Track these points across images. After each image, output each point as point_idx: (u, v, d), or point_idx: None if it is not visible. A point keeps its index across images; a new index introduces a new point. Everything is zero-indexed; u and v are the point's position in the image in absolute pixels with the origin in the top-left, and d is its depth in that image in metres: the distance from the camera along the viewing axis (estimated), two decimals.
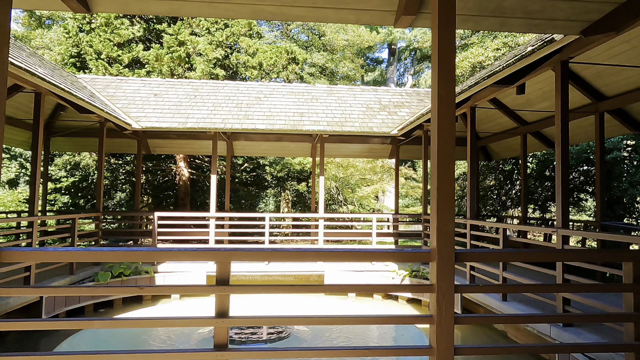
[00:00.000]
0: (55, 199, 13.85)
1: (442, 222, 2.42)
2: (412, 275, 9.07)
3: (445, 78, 2.45)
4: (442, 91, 2.45)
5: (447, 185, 2.41)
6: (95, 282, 8.10)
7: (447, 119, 2.42)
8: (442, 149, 2.42)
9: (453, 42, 2.49)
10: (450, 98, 2.44)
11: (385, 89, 12.17)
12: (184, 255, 2.32)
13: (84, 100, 6.43)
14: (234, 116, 9.54)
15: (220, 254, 2.34)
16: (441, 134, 2.41)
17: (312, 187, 12.68)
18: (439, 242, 2.41)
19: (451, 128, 2.43)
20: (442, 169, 2.40)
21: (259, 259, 2.38)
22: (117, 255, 2.38)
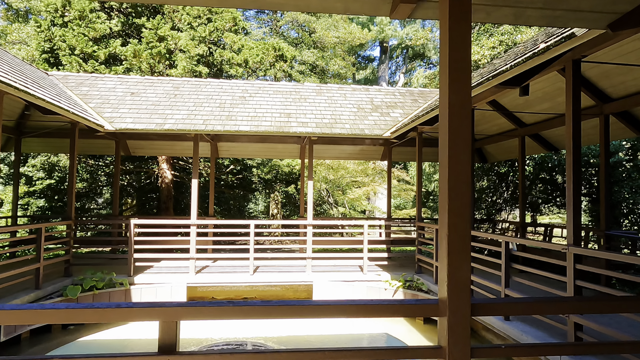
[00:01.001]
0: (29, 202, 13.11)
1: (453, 267, 1.87)
2: (406, 286, 8.56)
3: (458, 81, 1.90)
4: (455, 99, 1.90)
5: (461, 221, 1.87)
6: (64, 298, 7.45)
7: (461, 138, 1.87)
8: (455, 177, 1.87)
9: (468, 36, 1.94)
10: (465, 109, 1.89)
11: (377, 89, 11.63)
12: (114, 315, 1.75)
13: (44, 100, 5.79)
14: (216, 117, 8.93)
15: (164, 311, 1.77)
16: (454, 157, 1.86)
17: (301, 189, 12.11)
18: (451, 294, 1.86)
19: (467, 150, 1.88)
20: (455, 200, 1.86)
21: (219, 316, 1.81)
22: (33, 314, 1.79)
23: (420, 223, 9.35)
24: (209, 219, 11.03)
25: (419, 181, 9.44)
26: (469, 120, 1.90)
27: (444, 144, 1.94)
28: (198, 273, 8.96)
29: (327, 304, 1.90)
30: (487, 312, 1.96)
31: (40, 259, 7.42)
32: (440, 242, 1.95)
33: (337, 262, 10.07)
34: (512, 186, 14.77)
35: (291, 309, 1.86)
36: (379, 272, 9.27)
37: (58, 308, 1.74)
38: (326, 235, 12.80)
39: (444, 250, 1.90)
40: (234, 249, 11.08)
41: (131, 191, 16.81)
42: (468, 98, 1.91)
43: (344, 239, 10.20)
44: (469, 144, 1.90)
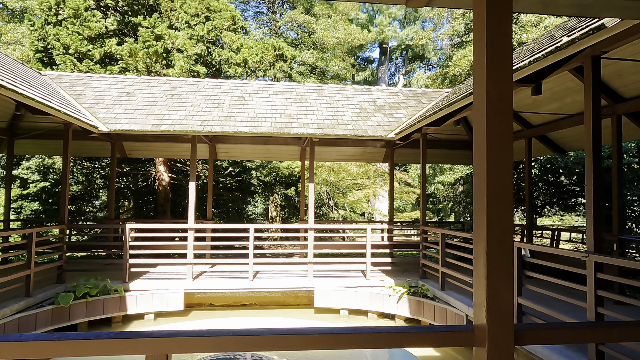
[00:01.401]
0: (22, 206, 12.78)
1: (494, 289, 1.59)
2: (411, 292, 8.27)
3: (499, 67, 1.63)
4: (494, 90, 1.62)
5: (503, 233, 1.59)
6: (55, 306, 7.14)
7: (502, 136, 1.59)
8: (496, 181, 1.59)
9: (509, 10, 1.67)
10: (506, 101, 1.62)
11: (379, 89, 11.36)
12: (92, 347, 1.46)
13: (33, 99, 5.50)
14: (214, 118, 8.64)
15: (152, 343, 1.48)
16: (494, 159, 1.58)
17: (302, 192, 11.82)
18: (491, 320, 1.58)
19: (508, 150, 1.61)
20: (496, 209, 1.58)
21: (217, 348, 1.53)
22: None
23: (425, 227, 9.07)
24: (207, 222, 10.74)
25: (423, 184, 9.17)
26: (511, 115, 1.63)
27: (481, 144, 1.66)
28: (196, 279, 8.66)
29: (344, 332, 1.61)
30: (534, 340, 1.68)
31: (31, 265, 7.12)
32: (476, 259, 1.67)
33: (338, 267, 9.78)
34: (515, 188, 14.52)
35: (302, 339, 1.57)
36: (382, 278, 8.99)
37: (24, 340, 1.45)
38: (327, 240, 12.52)
39: (482, 268, 1.62)
40: (233, 254, 10.79)
41: (128, 194, 16.50)
42: (509, 87, 1.63)
43: (345, 243, 9.92)
44: (511, 143, 1.62)
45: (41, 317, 6.91)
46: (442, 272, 7.94)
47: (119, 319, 7.98)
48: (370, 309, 8.55)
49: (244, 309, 8.89)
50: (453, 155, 12.60)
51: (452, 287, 8.03)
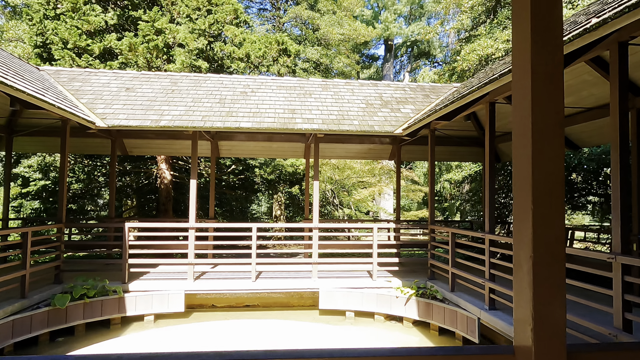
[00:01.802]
0: (21, 204, 12.58)
1: (542, 303, 1.30)
2: (419, 294, 7.97)
3: (547, 30, 1.33)
4: (540, 60, 1.33)
5: (552, 237, 1.30)
6: (51, 307, 6.90)
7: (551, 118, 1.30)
8: (543, 174, 1.30)
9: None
10: (556, 76, 1.32)
11: (386, 84, 11.04)
12: None
13: (24, 92, 5.24)
14: (215, 113, 8.37)
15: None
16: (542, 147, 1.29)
17: (306, 190, 11.54)
18: (538, 340, 1.28)
19: (559, 136, 1.31)
20: (544, 207, 1.29)
21: None
22: None
23: (433, 226, 8.77)
24: (209, 221, 10.48)
25: (431, 181, 8.86)
26: (562, 91, 1.33)
27: (524, 128, 1.36)
28: (197, 279, 8.41)
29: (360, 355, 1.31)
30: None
31: (27, 266, 6.90)
32: (518, 267, 1.37)
33: (344, 267, 9.50)
34: None
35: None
36: (389, 278, 8.70)
37: None
38: (332, 239, 12.24)
39: (525, 277, 1.32)
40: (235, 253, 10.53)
41: (130, 192, 16.30)
42: (560, 58, 1.33)
43: (351, 242, 9.63)
44: (562, 126, 1.32)
45: (36, 319, 6.68)
46: (452, 273, 7.64)
47: (117, 320, 7.73)
48: (377, 310, 8.26)
49: (246, 310, 8.63)
50: (461, 152, 12.27)
51: (462, 288, 7.72)
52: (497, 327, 5.98)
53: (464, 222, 13.92)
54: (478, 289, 6.90)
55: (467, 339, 6.82)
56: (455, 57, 14.31)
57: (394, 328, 7.92)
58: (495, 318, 6.05)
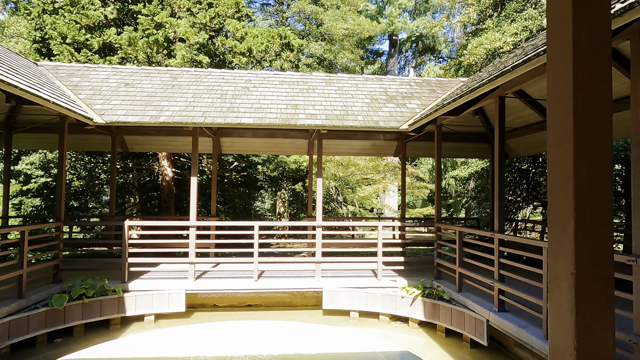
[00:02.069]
0: (22, 202, 12.46)
1: (586, 329, 1.09)
2: (425, 294, 7.76)
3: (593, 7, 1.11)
4: (585, 33, 1.10)
5: (600, 246, 1.09)
6: (49, 308, 6.75)
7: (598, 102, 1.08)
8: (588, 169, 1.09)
9: None
10: (604, 52, 1.10)
11: (391, 78, 10.79)
12: None
13: (16, 87, 5.05)
14: (216, 109, 8.17)
15: None
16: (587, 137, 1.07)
17: (309, 187, 11.33)
18: None
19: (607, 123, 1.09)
20: (589, 210, 1.07)
21: None
22: None
23: (440, 224, 8.54)
24: (211, 219, 10.31)
25: (438, 178, 8.63)
26: (610, 69, 1.10)
27: (561, 116, 1.14)
28: (198, 279, 8.25)
29: None
30: None
31: (23, 265, 6.75)
32: (555, 282, 1.15)
33: (348, 266, 9.30)
34: (533, 183, 13.88)
35: None
36: (394, 278, 8.49)
37: None
38: (336, 237, 12.04)
39: (566, 299, 1.11)
40: (237, 252, 10.35)
41: (133, 190, 16.17)
42: (607, 32, 1.11)
43: (355, 241, 9.42)
44: (610, 117, 1.10)
45: (34, 320, 6.53)
46: (459, 273, 7.42)
47: (117, 320, 7.58)
48: (382, 311, 8.06)
49: (249, 309, 8.46)
50: (467, 149, 12.02)
51: (470, 288, 7.51)
52: (507, 329, 5.76)
53: (470, 219, 13.69)
54: (486, 289, 6.68)
55: (475, 341, 6.61)
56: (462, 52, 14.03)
57: (400, 329, 7.72)
58: (504, 320, 5.84)
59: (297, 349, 6.18)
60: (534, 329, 5.40)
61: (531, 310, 5.60)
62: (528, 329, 5.43)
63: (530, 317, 5.87)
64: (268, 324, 7.57)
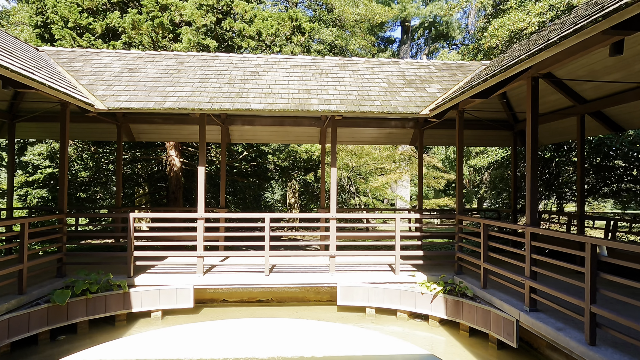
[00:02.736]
0: (27, 193, 12.20)
1: None
2: (447, 290, 7.28)
3: None
4: None
5: None
6: (51, 304, 6.43)
7: None
8: None
9: None
10: None
11: (409, 61, 10.21)
12: None
13: (7, 69, 4.64)
14: (224, 94, 7.71)
15: None
16: None
17: (322, 177, 10.86)
18: None
19: None
20: None
21: None
22: None
23: (461, 216, 8.04)
24: (220, 210, 9.92)
25: (460, 167, 8.09)
26: None
27: None
28: (207, 273, 7.88)
29: None
30: None
31: (24, 260, 6.41)
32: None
33: (363, 260, 8.86)
34: (555, 173, 13.25)
35: None
36: (413, 272, 8.03)
37: None
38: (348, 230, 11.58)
39: None
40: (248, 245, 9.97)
41: (140, 181, 15.87)
42: None
43: (371, 234, 8.96)
44: None
45: (35, 317, 6.21)
46: (484, 269, 6.93)
47: (123, 317, 7.25)
48: (400, 308, 7.62)
49: (260, 305, 8.09)
50: (487, 137, 11.43)
51: (495, 285, 7.02)
52: (541, 332, 5.28)
53: (488, 210, 13.12)
54: (515, 286, 6.19)
55: (503, 342, 6.14)
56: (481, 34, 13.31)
57: (419, 327, 7.28)
58: (538, 322, 5.35)
59: (310, 351, 5.77)
60: (573, 332, 4.91)
61: (568, 310, 5.10)
62: (566, 332, 4.95)
63: (567, 319, 5.37)
64: (279, 323, 7.18)
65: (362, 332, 6.66)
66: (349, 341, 6.27)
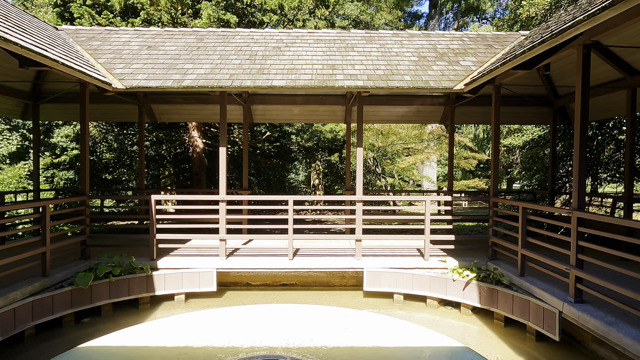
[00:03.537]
0: (54, 174, 12.30)
1: None
2: (481, 277, 6.87)
3: None
4: None
5: None
6: (74, 287, 6.37)
7: None
8: None
9: None
10: None
11: (440, 34, 9.57)
12: None
13: (17, 44, 4.41)
14: (245, 71, 7.35)
15: None
16: None
17: (347, 157, 10.46)
18: None
19: None
20: None
21: None
22: None
23: (496, 199, 7.54)
24: (242, 192, 9.70)
25: (494, 147, 7.56)
26: None
27: None
28: (229, 256, 7.71)
29: None
30: None
31: (47, 242, 6.35)
32: None
33: (391, 244, 8.51)
34: (595, 153, 12.41)
35: None
36: (443, 258, 7.63)
37: None
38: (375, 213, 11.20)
39: None
40: (271, 228, 9.75)
41: (165, 162, 15.85)
42: None
43: (399, 217, 8.55)
44: None
45: (59, 300, 6.17)
46: (521, 255, 6.47)
47: (146, 300, 7.18)
48: (429, 294, 7.27)
49: (284, 289, 7.89)
50: (524, 114, 10.72)
51: (533, 272, 6.56)
52: (589, 326, 4.82)
53: (522, 192, 12.47)
54: (557, 275, 5.72)
55: (542, 334, 5.72)
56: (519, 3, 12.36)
57: (450, 315, 6.92)
58: (584, 314, 4.89)
59: (334, 341, 5.49)
60: (626, 328, 4.44)
61: (619, 303, 4.63)
62: (618, 327, 4.48)
63: (618, 312, 4.89)
64: (303, 309, 6.93)
65: (389, 321, 6.34)
66: (376, 330, 5.96)
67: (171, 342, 5.39)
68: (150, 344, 5.35)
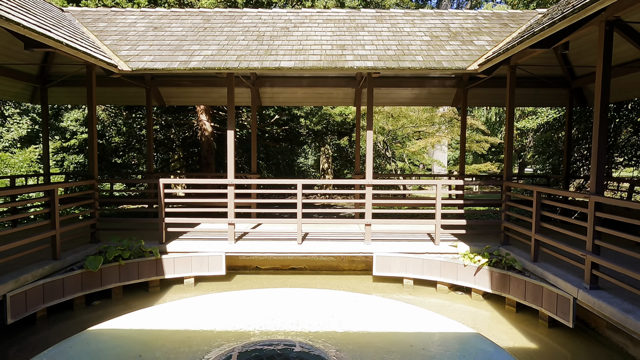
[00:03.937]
0: (64, 158, 12.35)
1: None
2: (492, 262, 6.76)
3: None
4: None
5: None
6: (84, 270, 6.40)
7: None
8: None
9: None
10: None
11: (453, 12, 9.26)
12: None
13: (18, 24, 4.31)
14: (252, 52, 7.19)
15: None
16: None
17: (357, 141, 10.31)
18: None
19: None
20: None
21: None
22: None
23: (509, 183, 7.36)
24: (251, 176, 9.64)
25: (509, 130, 7.35)
26: None
27: None
28: (238, 240, 7.69)
29: None
30: None
31: (56, 225, 6.37)
32: None
33: (400, 228, 8.41)
34: (613, 136, 12.07)
35: None
36: (454, 242, 7.52)
37: None
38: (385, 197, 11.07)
39: None
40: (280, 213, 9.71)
41: (174, 146, 15.83)
42: None
43: (410, 201, 8.43)
44: None
45: (69, 283, 6.21)
46: (535, 240, 6.33)
47: (156, 283, 7.21)
48: (440, 279, 7.19)
49: (292, 273, 7.87)
50: (539, 96, 10.42)
51: (547, 258, 6.42)
52: (604, 312, 4.70)
53: (534, 176, 12.23)
54: (572, 261, 5.59)
55: (555, 320, 5.62)
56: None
57: (461, 300, 6.84)
58: (600, 301, 4.76)
59: (343, 325, 5.45)
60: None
61: (636, 290, 4.50)
62: (636, 314, 4.35)
63: (635, 299, 4.76)
64: (312, 293, 6.88)
65: (398, 306, 6.28)
66: (385, 315, 5.90)
67: (181, 325, 5.39)
68: (160, 327, 5.36)
